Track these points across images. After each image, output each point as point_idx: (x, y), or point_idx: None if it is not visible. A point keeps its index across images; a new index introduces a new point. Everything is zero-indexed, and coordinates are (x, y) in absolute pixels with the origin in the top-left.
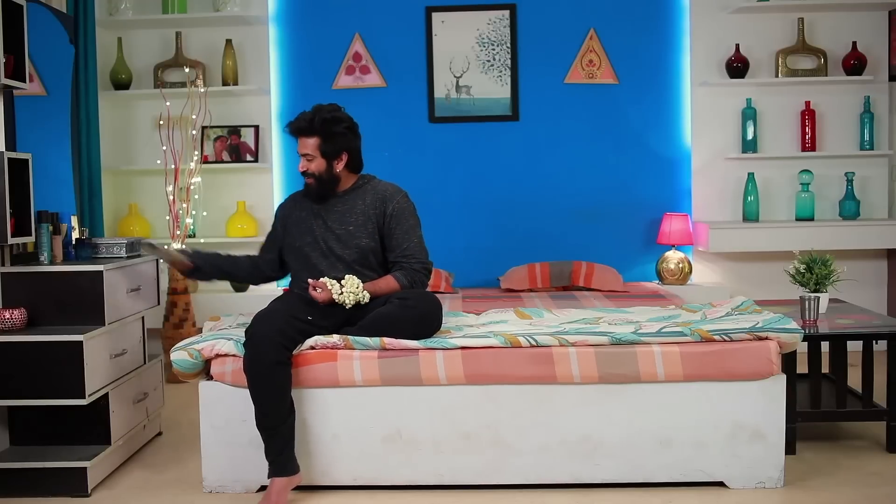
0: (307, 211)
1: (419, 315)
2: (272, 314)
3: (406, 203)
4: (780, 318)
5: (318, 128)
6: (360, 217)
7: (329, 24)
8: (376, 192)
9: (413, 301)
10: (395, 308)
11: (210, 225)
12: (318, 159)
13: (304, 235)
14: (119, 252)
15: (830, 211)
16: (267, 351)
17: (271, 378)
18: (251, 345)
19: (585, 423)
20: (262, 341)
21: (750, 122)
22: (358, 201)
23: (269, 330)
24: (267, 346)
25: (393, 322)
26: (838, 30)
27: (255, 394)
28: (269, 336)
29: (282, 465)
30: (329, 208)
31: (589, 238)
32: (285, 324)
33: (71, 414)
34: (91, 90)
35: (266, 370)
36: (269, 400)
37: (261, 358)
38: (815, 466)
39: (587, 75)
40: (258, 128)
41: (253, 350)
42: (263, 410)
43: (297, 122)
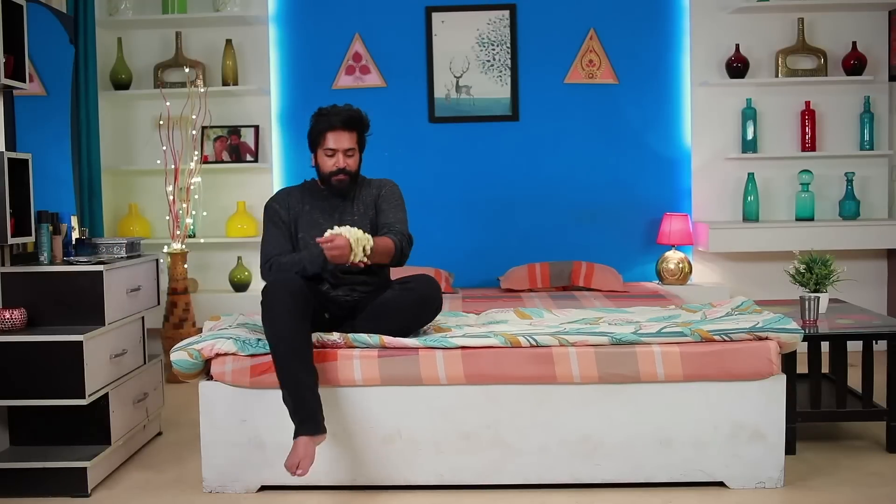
0: (309, 204)
1: (420, 297)
2: (293, 277)
3: (396, 189)
4: (780, 318)
5: (362, 126)
6: (365, 207)
7: (329, 24)
8: (371, 183)
9: (413, 284)
10: (396, 293)
11: (210, 225)
12: (356, 156)
13: (313, 228)
14: (119, 252)
15: (830, 211)
16: (291, 292)
17: (297, 318)
18: (273, 290)
19: (585, 423)
20: (285, 284)
21: (750, 122)
22: (358, 195)
23: (290, 278)
24: (290, 287)
25: (395, 306)
26: (838, 30)
27: (279, 343)
28: (292, 280)
29: (311, 422)
30: (333, 203)
31: (589, 238)
32: (303, 288)
33: (71, 414)
34: (91, 90)
35: (295, 307)
36: (296, 345)
37: (287, 297)
38: (815, 466)
39: (587, 75)
40: (258, 128)
41: (275, 293)
42: (289, 360)
43: (345, 113)
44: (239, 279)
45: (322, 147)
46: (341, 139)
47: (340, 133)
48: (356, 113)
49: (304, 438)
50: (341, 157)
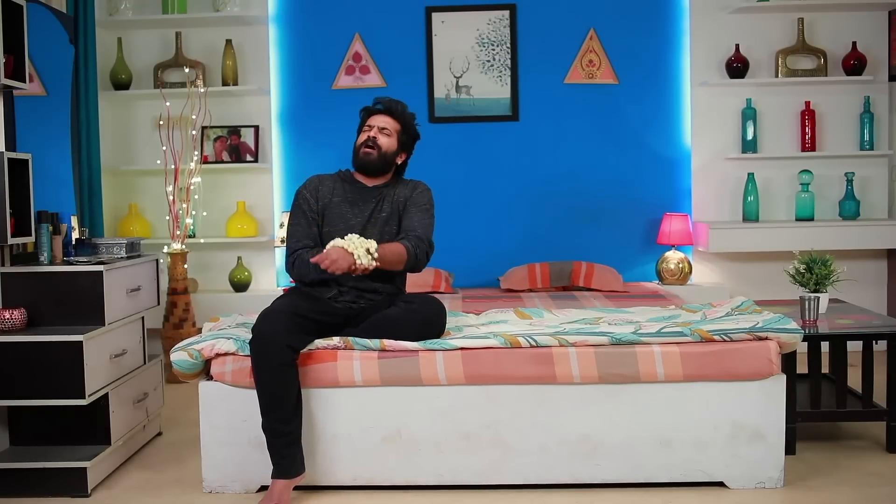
0: (340, 195)
1: (423, 319)
2: (277, 314)
3: (427, 193)
4: (779, 319)
5: (407, 119)
6: (393, 207)
7: (329, 24)
8: (407, 184)
9: (417, 305)
10: (399, 311)
11: (210, 225)
12: (392, 139)
13: (339, 222)
14: (119, 252)
15: (830, 211)
16: (274, 352)
17: (277, 379)
18: (256, 345)
19: (585, 423)
20: (267, 342)
21: (750, 122)
22: (391, 193)
23: (274, 330)
24: (273, 346)
25: (396, 325)
26: (838, 30)
27: (261, 395)
28: (275, 337)
29: (285, 467)
30: (365, 197)
31: (589, 238)
32: (291, 323)
33: (71, 414)
34: (91, 90)
35: (272, 371)
36: (274, 401)
37: (267, 358)
38: (815, 466)
39: (587, 75)
40: (258, 128)
41: (258, 350)
42: (268, 412)
43: (391, 102)
44: (239, 279)
45: (363, 128)
46: (378, 119)
47: (378, 116)
48: (398, 104)
49: (281, 482)
50: (374, 130)
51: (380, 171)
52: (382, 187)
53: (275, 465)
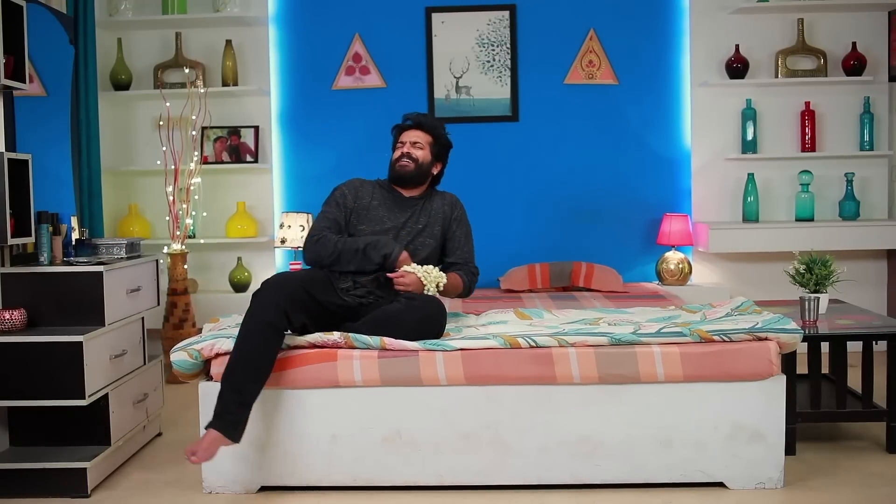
0: (379, 199)
1: (423, 316)
2: (290, 281)
3: (465, 212)
4: (779, 319)
5: (437, 131)
6: (430, 219)
7: (329, 24)
8: (443, 197)
9: (419, 303)
10: (400, 307)
11: (210, 225)
12: (426, 151)
13: (375, 224)
14: (119, 253)
15: (830, 211)
16: (267, 311)
17: (258, 338)
18: (255, 300)
19: (585, 423)
20: (266, 301)
21: (750, 123)
22: (427, 205)
23: (277, 294)
24: (269, 307)
25: (398, 320)
26: (838, 30)
27: (237, 347)
28: (276, 300)
29: (227, 423)
30: (402, 207)
31: (589, 238)
32: (297, 295)
33: (71, 414)
34: (91, 91)
35: (257, 327)
36: (247, 359)
37: (258, 315)
38: (815, 467)
39: (587, 76)
40: (258, 128)
41: (256, 302)
42: (236, 366)
43: (419, 117)
44: (239, 280)
45: (395, 145)
46: (410, 135)
47: (410, 131)
48: (426, 117)
49: (214, 433)
50: (408, 146)
51: (416, 183)
52: (418, 198)
53: (216, 416)
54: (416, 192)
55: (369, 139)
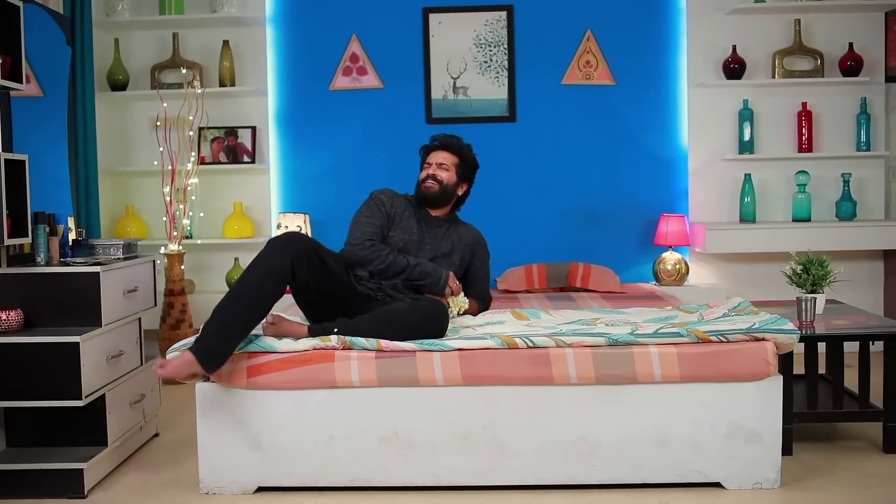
0: (409, 212)
1: (427, 315)
2: (304, 240)
3: (487, 248)
4: (776, 319)
5: (464, 152)
6: (454, 245)
7: (326, 25)
8: (469, 231)
9: (425, 303)
10: (406, 307)
11: (207, 226)
12: (451, 173)
13: (405, 233)
14: (116, 253)
15: (827, 212)
16: (274, 259)
17: (260, 279)
18: (267, 247)
19: (582, 424)
20: (279, 250)
21: (747, 124)
22: (452, 231)
23: (289, 247)
24: (279, 256)
25: (400, 318)
26: (835, 31)
27: (238, 281)
28: (287, 251)
29: (203, 351)
30: (430, 224)
31: (586, 239)
32: (308, 253)
33: (67, 415)
34: (88, 91)
35: (263, 271)
36: (242, 294)
37: (266, 260)
38: (811, 467)
39: (584, 76)
40: (255, 129)
41: (265, 251)
42: (231, 297)
43: (446, 138)
44: (236, 280)
45: (423, 165)
46: (436, 156)
47: (437, 152)
48: (453, 138)
49: (189, 356)
50: (434, 167)
51: (440, 203)
52: (444, 220)
53: (196, 340)
54: (441, 213)
55: (367, 140)
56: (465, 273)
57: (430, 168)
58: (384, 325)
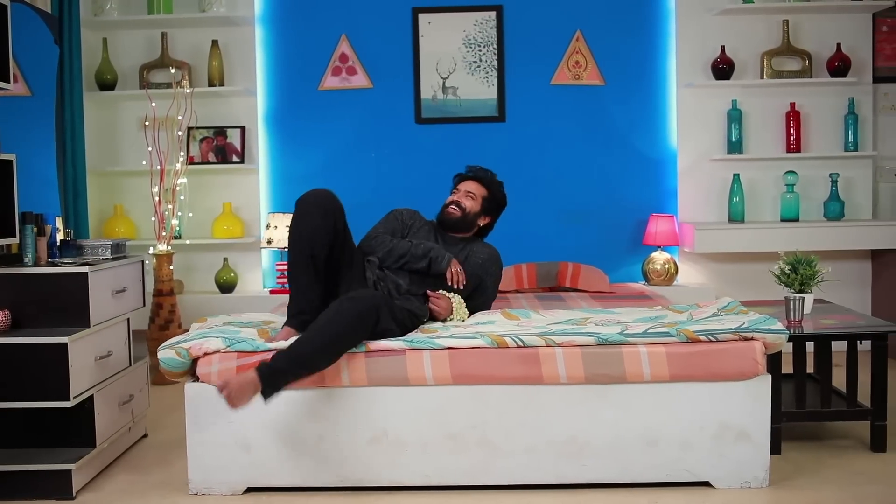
0: (428, 228)
1: (361, 310)
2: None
3: (501, 268)
4: (765, 319)
5: (494, 187)
6: (466, 262)
7: (315, 25)
8: (485, 249)
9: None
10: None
11: (196, 226)
12: (476, 202)
13: (422, 239)
14: (104, 253)
15: (815, 212)
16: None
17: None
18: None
19: (572, 423)
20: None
21: (735, 124)
22: (469, 248)
23: (323, 206)
24: (317, 205)
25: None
26: (823, 32)
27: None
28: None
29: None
30: (446, 242)
31: (575, 239)
32: (329, 226)
33: (56, 416)
34: (76, 91)
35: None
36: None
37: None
38: (800, 466)
39: (573, 76)
40: (244, 129)
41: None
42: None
43: (480, 170)
44: (225, 280)
45: (452, 191)
46: (467, 185)
47: (468, 182)
48: (486, 172)
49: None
50: (462, 194)
51: (460, 230)
52: (461, 239)
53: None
54: (460, 236)
55: (356, 140)
56: (476, 288)
57: (457, 194)
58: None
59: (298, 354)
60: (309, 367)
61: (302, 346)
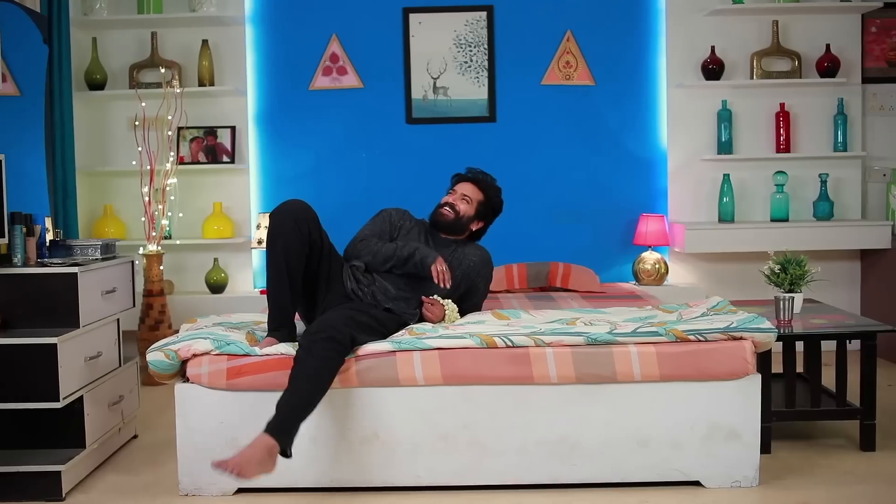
0: (418, 229)
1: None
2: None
3: (492, 269)
4: (754, 318)
5: (491, 192)
6: (456, 263)
7: (306, 24)
8: (476, 251)
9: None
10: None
11: (186, 226)
12: (471, 206)
13: (411, 240)
14: (94, 254)
15: (805, 212)
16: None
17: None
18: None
19: (562, 423)
20: (288, 216)
21: (725, 124)
22: (460, 250)
23: (294, 218)
24: (288, 219)
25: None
26: (812, 32)
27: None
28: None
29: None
30: (437, 243)
31: (566, 239)
32: (301, 226)
33: (45, 417)
34: (65, 90)
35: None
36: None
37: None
38: (789, 465)
39: (564, 77)
40: (234, 129)
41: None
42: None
43: (479, 173)
44: (215, 281)
45: (449, 191)
46: (464, 187)
47: (466, 184)
48: (486, 176)
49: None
50: (457, 196)
51: (451, 232)
52: (453, 241)
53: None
54: (452, 238)
55: (347, 140)
56: (467, 290)
57: (453, 196)
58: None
59: (291, 408)
60: (305, 412)
61: (284, 406)
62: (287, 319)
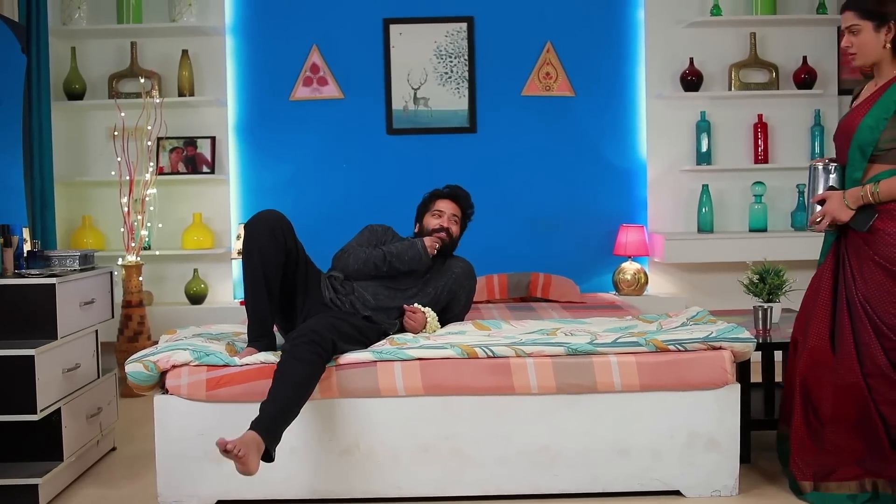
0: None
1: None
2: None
3: (475, 281)
4: (733, 328)
5: (469, 207)
6: (440, 275)
7: (286, 35)
8: (458, 263)
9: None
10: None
11: (166, 237)
12: (458, 226)
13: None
14: (72, 265)
15: (782, 222)
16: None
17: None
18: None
19: (543, 433)
20: (261, 225)
21: (704, 135)
22: (441, 264)
23: (268, 227)
24: (262, 228)
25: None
26: (789, 44)
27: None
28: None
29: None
30: None
31: (546, 249)
32: (277, 234)
33: (22, 430)
34: (44, 100)
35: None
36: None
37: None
38: (769, 474)
39: (544, 88)
40: (214, 139)
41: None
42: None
43: (457, 189)
44: (195, 291)
45: (431, 210)
46: (449, 206)
47: (449, 202)
48: (462, 191)
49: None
50: (447, 218)
51: (441, 253)
52: (435, 256)
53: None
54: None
55: (327, 150)
56: (449, 302)
57: (442, 218)
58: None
59: (278, 409)
60: (290, 415)
61: (271, 405)
62: (267, 329)
